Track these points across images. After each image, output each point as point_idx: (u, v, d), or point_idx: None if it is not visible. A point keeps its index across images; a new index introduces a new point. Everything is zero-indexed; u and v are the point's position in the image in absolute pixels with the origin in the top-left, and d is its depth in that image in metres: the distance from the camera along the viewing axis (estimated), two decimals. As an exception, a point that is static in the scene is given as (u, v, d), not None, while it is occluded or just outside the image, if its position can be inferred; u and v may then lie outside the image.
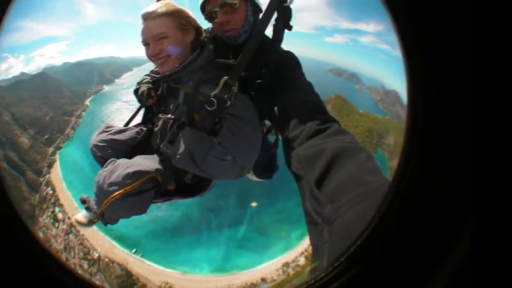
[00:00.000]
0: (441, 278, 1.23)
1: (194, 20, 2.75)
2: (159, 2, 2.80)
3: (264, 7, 2.75)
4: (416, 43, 1.30)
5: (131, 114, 3.53)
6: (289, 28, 2.73)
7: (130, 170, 2.60)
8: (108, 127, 3.34)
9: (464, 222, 1.22)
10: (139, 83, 3.30)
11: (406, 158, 1.31)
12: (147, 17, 2.61)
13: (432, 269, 1.25)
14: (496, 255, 1.16)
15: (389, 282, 1.32)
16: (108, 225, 2.90)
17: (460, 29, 1.23)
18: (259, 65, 2.66)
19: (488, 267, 1.17)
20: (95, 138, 3.19)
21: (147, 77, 3.25)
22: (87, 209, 2.99)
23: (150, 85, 3.15)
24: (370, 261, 1.33)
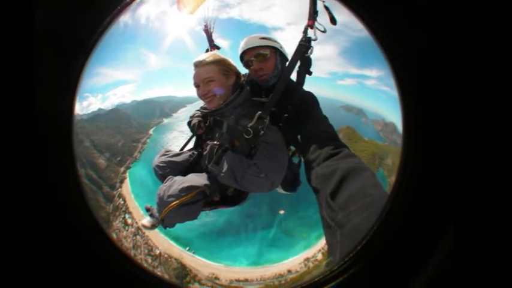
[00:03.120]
0: (427, 271, 1.25)
1: (235, 67, 2.80)
2: (207, 53, 2.88)
3: (289, 57, 2.79)
4: (409, 86, 1.33)
5: (185, 141, 3.56)
6: (310, 73, 2.77)
7: (185, 185, 2.65)
8: (167, 151, 3.40)
9: (446, 228, 1.23)
10: (191, 117, 3.34)
11: (401, 175, 1.34)
12: (198, 65, 2.68)
13: (420, 262, 1.27)
14: (471, 255, 1.18)
15: (388, 273, 1.34)
16: (167, 229, 2.93)
17: (444, 76, 1.26)
18: (286, 102, 2.69)
19: (465, 265, 1.18)
20: (157, 160, 3.26)
21: (198, 111, 3.30)
22: (151, 215, 3.02)
23: (200, 118, 3.19)
24: (373, 257, 1.34)
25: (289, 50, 2.88)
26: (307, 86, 2.82)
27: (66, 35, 1.43)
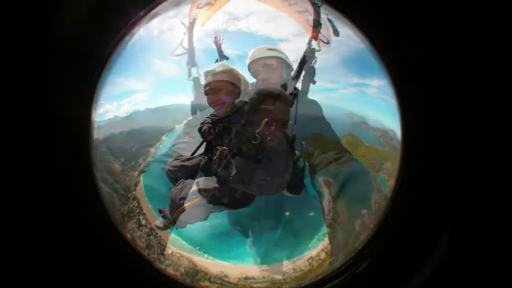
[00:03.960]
0: (426, 270, 1.25)
1: (243, 76, 2.82)
2: (217, 63, 2.91)
3: (294, 67, 2.80)
4: (406, 95, 1.34)
5: (196, 146, 3.56)
6: (314, 82, 2.78)
7: (195, 188, 2.68)
8: (179, 156, 3.41)
9: (444, 228, 1.24)
10: (202, 123, 3.35)
11: (400, 179, 1.35)
12: (208, 74, 2.72)
13: (419, 262, 1.27)
14: (469, 256, 1.18)
15: (388, 272, 1.34)
16: (179, 229, 2.94)
17: (440, 85, 1.27)
18: (291, 110, 2.70)
19: (462, 265, 1.18)
20: (169, 164, 3.28)
21: (208, 118, 3.31)
22: (163, 217, 3.02)
23: (210, 125, 3.19)
24: (374, 256, 1.35)
25: (294, 60, 2.89)
26: (311, 95, 2.82)
27: (83, 47, 1.46)
